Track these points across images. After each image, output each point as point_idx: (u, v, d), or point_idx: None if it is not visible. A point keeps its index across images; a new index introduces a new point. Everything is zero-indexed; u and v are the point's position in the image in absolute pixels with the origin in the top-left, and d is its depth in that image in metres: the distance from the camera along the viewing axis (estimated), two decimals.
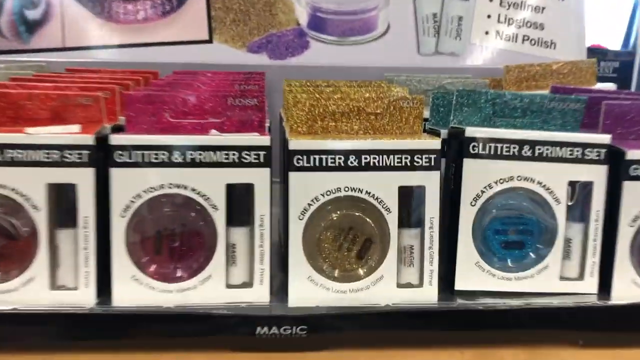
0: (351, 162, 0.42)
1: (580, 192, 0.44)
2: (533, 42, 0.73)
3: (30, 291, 0.41)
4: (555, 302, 0.42)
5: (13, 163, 0.40)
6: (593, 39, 0.91)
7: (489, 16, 0.73)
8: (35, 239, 0.41)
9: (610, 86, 0.65)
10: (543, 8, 0.73)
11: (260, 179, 0.42)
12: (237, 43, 0.71)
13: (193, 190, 0.42)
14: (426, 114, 0.49)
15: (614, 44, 0.99)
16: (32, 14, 0.69)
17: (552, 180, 0.43)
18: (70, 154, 0.40)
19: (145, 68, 0.64)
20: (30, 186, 0.40)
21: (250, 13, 0.71)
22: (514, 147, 0.43)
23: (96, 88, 0.48)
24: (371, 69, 0.68)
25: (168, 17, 0.70)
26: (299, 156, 0.42)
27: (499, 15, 0.73)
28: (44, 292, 0.41)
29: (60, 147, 0.40)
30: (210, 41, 0.71)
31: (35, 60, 0.69)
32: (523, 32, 0.73)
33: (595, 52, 0.84)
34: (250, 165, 0.42)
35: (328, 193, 0.42)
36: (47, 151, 0.40)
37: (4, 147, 0.40)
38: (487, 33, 0.73)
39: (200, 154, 0.41)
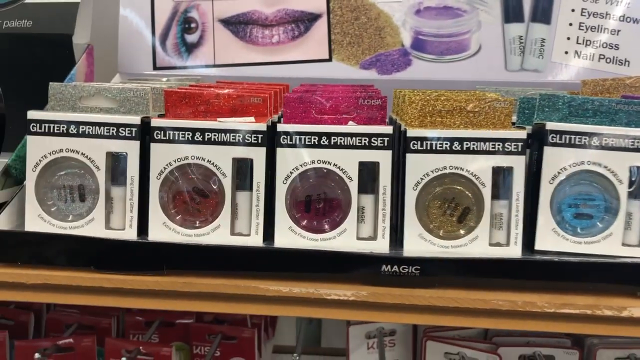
0: (455, 147, 0.55)
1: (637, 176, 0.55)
2: (608, 60, 0.83)
3: (216, 235, 0.56)
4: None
5: (208, 142, 0.56)
6: None
7: (568, 38, 0.84)
8: (222, 196, 0.56)
9: None
10: (618, 30, 0.84)
11: (384, 158, 0.56)
12: (352, 61, 0.86)
13: (335, 165, 0.56)
14: (514, 118, 0.62)
15: None
16: (191, 38, 0.87)
17: (616, 164, 0.54)
18: (249, 137, 0.56)
19: (277, 82, 0.80)
20: (221, 159, 0.56)
21: (363, 36, 0.86)
22: (585, 138, 0.55)
23: (259, 92, 0.64)
24: (464, 83, 0.81)
25: (296, 40, 0.87)
26: (414, 142, 0.55)
27: (577, 37, 0.84)
28: (227, 237, 0.56)
29: (243, 132, 0.56)
30: (330, 60, 0.86)
31: (192, 75, 0.86)
32: (599, 51, 0.84)
33: None
34: (377, 147, 0.56)
35: (436, 170, 0.55)
36: (233, 134, 0.56)
37: (204, 131, 0.56)
38: (566, 53, 0.84)
39: (341, 139, 0.56)
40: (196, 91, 0.60)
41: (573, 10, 0.84)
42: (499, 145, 0.55)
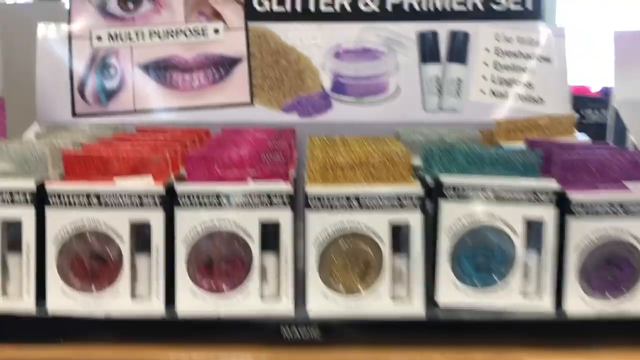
0: (352, 204, 0.55)
1: (533, 227, 0.56)
2: (523, 98, 0.85)
3: (116, 301, 0.55)
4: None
5: (105, 205, 0.55)
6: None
7: (484, 77, 0.86)
8: (121, 261, 0.55)
9: (583, 137, 0.76)
10: (532, 69, 0.86)
11: (284, 216, 0.56)
12: (273, 105, 0.86)
13: (236, 225, 0.56)
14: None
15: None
16: (110, 84, 0.86)
17: (510, 216, 0.55)
18: (146, 199, 0.55)
19: (199, 127, 0.79)
20: (118, 223, 0.55)
21: (284, 80, 0.86)
22: (478, 192, 0.56)
23: (163, 147, 0.63)
24: (384, 125, 0.81)
25: (217, 84, 0.86)
26: (313, 199, 0.55)
27: (492, 76, 0.86)
28: (126, 300, 0.55)
29: (139, 194, 0.55)
30: (251, 103, 0.86)
31: (112, 123, 0.85)
32: (514, 90, 0.86)
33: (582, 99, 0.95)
34: (277, 205, 0.56)
35: (335, 227, 0.55)
36: (130, 197, 0.55)
37: (100, 195, 0.55)
38: (482, 92, 0.86)
39: (240, 198, 0.56)
40: (94, 154, 0.59)
41: (487, 50, 0.86)
42: (394, 200, 0.55)
